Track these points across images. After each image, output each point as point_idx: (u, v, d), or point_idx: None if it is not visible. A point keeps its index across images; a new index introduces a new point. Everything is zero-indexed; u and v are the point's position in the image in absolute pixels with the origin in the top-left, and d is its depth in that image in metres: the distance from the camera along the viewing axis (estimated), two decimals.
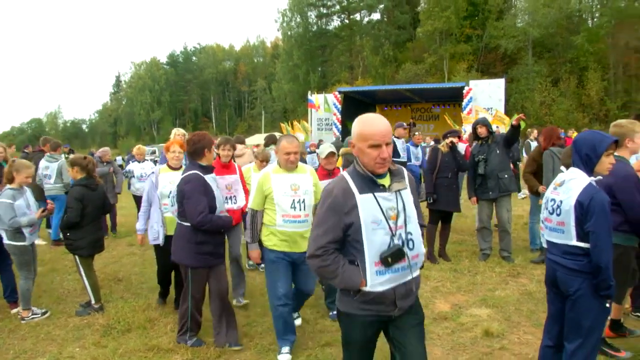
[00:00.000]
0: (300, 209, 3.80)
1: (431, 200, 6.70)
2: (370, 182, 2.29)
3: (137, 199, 8.37)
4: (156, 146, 32.71)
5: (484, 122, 6.82)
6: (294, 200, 3.79)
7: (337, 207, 2.24)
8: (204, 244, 3.97)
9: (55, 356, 4.16)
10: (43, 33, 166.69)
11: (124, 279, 6.37)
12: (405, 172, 2.45)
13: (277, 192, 3.78)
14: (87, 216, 5.00)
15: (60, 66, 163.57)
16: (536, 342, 3.88)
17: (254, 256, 4.11)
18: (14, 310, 5.06)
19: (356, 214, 2.22)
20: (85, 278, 5.07)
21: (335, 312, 4.49)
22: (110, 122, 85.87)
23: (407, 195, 2.39)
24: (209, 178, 4.04)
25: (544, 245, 3.20)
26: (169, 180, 4.74)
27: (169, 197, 4.70)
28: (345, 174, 2.35)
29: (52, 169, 7.98)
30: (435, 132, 28.09)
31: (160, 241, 4.77)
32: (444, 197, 6.68)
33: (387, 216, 2.26)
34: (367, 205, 2.24)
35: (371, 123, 2.26)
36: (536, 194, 6.40)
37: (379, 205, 2.26)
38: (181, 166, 4.88)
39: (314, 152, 12.35)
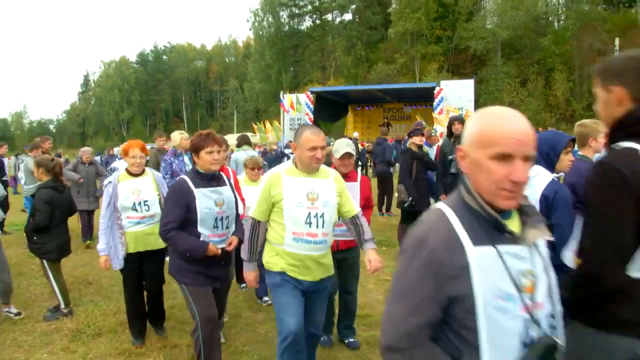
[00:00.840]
0: (317, 226, 2.95)
1: (413, 203, 6.44)
2: (491, 226, 1.34)
3: None
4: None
5: (462, 119, 6.90)
6: (309, 213, 2.93)
7: (435, 266, 1.29)
8: (196, 263, 3.29)
9: None
10: (9, 29, 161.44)
11: (94, 282, 6.23)
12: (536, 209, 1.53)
13: (288, 200, 2.93)
14: (55, 219, 4.88)
15: (26, 64, 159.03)
16: None
17: (249, 278, 3.23)
18: None
19: (467, 282, 1.28)
20: (53, 282, 4.94)
21: (353, 340, 4.12)
22: (78, 122, 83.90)
23: (544, 249, 1.44)
24: (202, 190, 3.29)
25: None
26: (132, 190, 4.11)
27: (133, 208, 4.08)
28: (445, 207, 1.39)
29: (21, 170, 8.29)
30: (407, 131, 28.36)
31: (120, 264, 4.10)
32: (422, 197, 6.57)
33: (519, 286, 1.31)
34: (487, 265, 1.29)
35: (503, 120, 1.32)
36: None
37: (506, 267, 1.31)
38: (144, 171, 4.27)
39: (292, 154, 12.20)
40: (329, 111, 27.32)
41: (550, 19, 46.14)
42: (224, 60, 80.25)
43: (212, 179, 3.39)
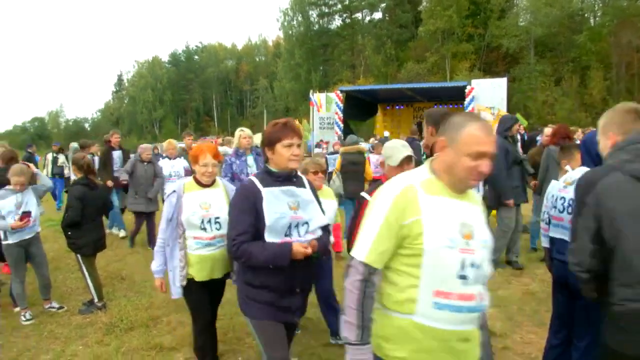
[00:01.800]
0: (473, 281, 1.80)
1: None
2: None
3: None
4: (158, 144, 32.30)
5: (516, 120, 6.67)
6: (464, 260, 1.77)
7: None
8: (264, 290, 2.61)
9: (58, 354, 4.17)
10: (45, 31, 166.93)
11: (127, 278, 6.38)
12: None
13: (433, 236, 1.74)
14: (87, 215, 5.02)
15: (63, 65, 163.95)
16: (539, 342, 3.88)
17: None
18: (16, 309, 5.08)
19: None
20: (87, 276, 5.09)
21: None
22: (112, 121, 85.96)
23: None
24: (271, 190, 2.62)
25: (544, 245, 3.19)
26: (200, 203, 3.31)
27: (201, 227, 3.29)
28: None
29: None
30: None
31: (178, 293, 3.39)
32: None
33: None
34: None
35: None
36: (539, 193, 6.38)
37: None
38: (214, 181, 3.49)
39: (337, 152, 10.85)
40: (359, 110, 27.22)
41: (585, 15, 44.79)
42: (254, 59, 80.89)
43: (287, 179, 2.69)
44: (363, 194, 3.10)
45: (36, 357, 4.16)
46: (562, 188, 3.04)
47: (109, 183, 8.35)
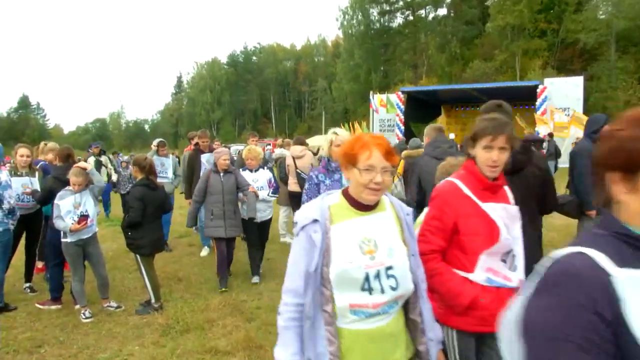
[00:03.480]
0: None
1: None
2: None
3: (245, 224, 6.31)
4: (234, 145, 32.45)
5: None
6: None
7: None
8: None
9: (115, 353, 4.32)
10: (107, 33, 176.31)
11: (184, 279, 6.55)
12: None
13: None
14: (147, 216, 5.21)
15: (124, 66, 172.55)
16: None
17: None
18: (77, 307, 5.32)
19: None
20: (145, 277, 5.27)
21: None
22: (171, 122, 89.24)
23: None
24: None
25: None
26: (362, 239, 1.86)
27: (364, 287, 1.81)
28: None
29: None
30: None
31: None
32: None
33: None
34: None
35: None
36: None
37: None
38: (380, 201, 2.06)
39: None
40: (421, 112, 26.83)
41: None
42: (312, 60, 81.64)
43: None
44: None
45: (94, 355, 4.33)
46: None
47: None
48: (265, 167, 6.84)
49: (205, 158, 7.66)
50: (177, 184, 8.47)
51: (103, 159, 11.37)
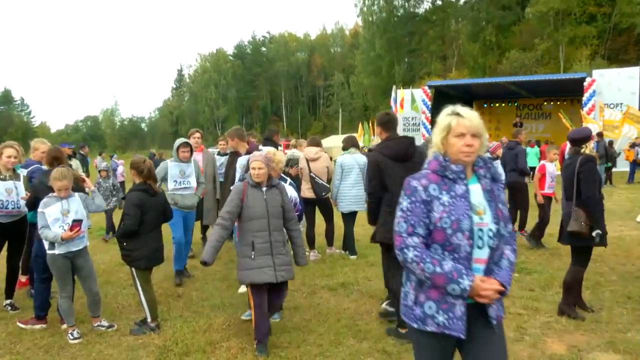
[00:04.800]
0: None
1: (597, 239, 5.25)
2: None
3: None
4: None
5: None
6: None
7: None
8: None
9: None
10: (100, 22, 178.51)
11: (184, 295, 6.57)
12: None
13: None
14: (146, 224, 5.20)
15: (119, 59, 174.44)
16: None
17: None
18: (64, 326, 5.34)
19: None
20: (141, 293, 5.27)
21: None
22: (171, 121, 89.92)
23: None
24: None
25: None
26: None
27: None
28: None
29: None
30: (545, 132, 26.96)
31: None
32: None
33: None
34: None
35: None
36: None
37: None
38: None
39: None
40: None
41: None
42: (328, 51, 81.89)
43: None
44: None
45: None
46: None
47: None
48: (287, 182, 5.73)
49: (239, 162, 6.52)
50: (200, 194, 7.58)
51: (73, 162, 10.95)
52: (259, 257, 4.54)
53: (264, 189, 4.70)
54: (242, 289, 6.40)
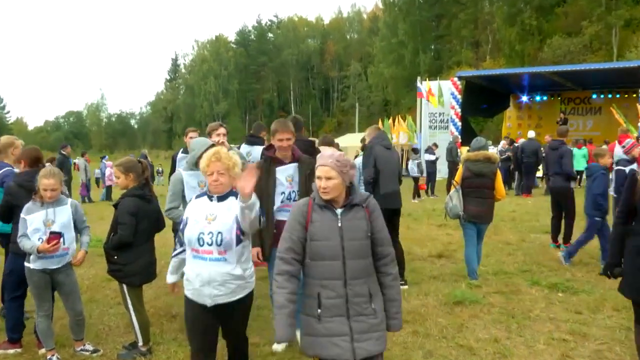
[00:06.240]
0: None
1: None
2: None
3: None
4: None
5: None
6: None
7: None
8: None
9: None
10: (84, 6, 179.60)
11: (179, 316, 6.56)
12: None
13: None
14: (140, 234, 5.15)
15: (105, 47, 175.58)
16: None
17: None
18: (42, 351, 5.33)
19: None
20: (133, 313, 5.24)
21: None
22: (165, 117, 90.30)
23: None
24: None
25: None
26: None
27: None
28: None
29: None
30: (595, 130, 26.76)
31: None
32: None
33: None
34: None
35: None
36: None
37: None
38: None
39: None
40: (483, 103, 26.64)
41: None
42: (343, 37, 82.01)
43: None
44: None
45: None
46: None
47: None
48: None
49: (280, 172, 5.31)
50: None
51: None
52: (327, 319, 3.38)
53: (339, 210, 3.45)
54: (278, 346, 5.25)
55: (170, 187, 5.58)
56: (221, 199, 3.84)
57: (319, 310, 3.36)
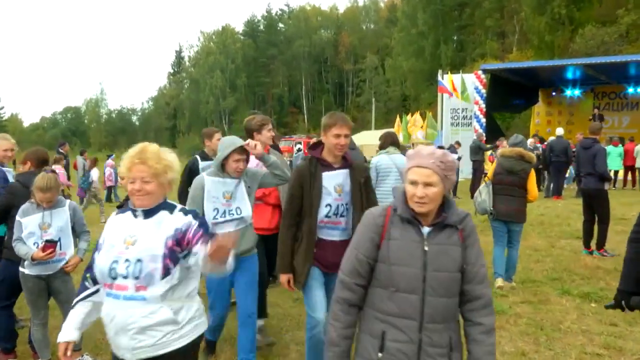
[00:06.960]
0: None
1: None
2: None
3: None
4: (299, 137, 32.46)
5: None
6: None
7: None
8: None
9: None
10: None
11: None
12: None
13: None
14: None
15: (105, 39, 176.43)
16: None
17: None
18: None
19: None
20: None
21: None
22: (168, 113, 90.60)
23: None
24: None
25: None
26: None
27: None
28: None
29: None
30: (631, 127, 26.58)
31: None
32: None
33: None
34: None
35: None
36: None
37: None
38: None
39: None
40: (510, 98, 26.55)
41: None
42: (359, 28, 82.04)
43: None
44: None
45: None
46: None
47: None
48: None
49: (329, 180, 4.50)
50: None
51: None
52: None
53: (426, 229, 2.79)
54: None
55: (190, 193, 4.91)
56: (148, 214, 3.06)
57: (380, 355, 2.72)
